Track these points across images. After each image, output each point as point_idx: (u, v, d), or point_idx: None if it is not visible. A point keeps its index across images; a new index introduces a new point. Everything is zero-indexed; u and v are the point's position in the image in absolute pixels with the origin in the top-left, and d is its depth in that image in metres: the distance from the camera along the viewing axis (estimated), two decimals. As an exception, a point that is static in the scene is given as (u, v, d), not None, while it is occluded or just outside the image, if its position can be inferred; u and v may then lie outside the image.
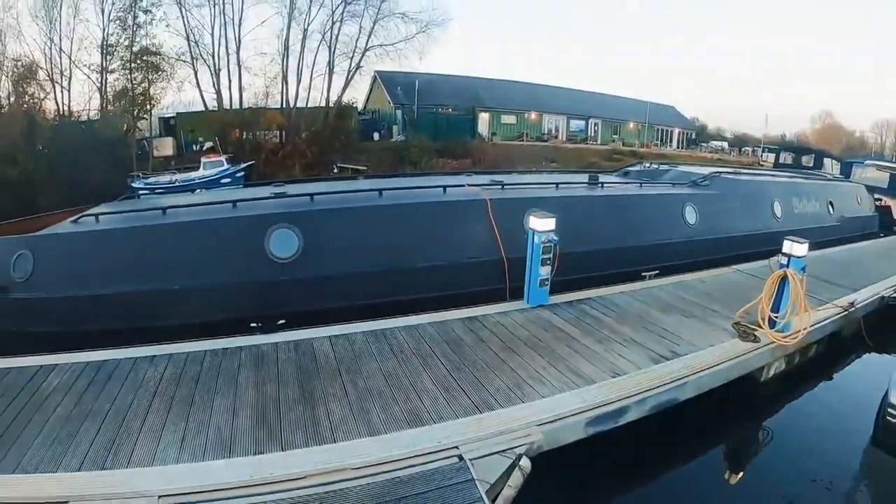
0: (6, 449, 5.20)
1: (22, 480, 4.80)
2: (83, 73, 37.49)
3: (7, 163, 29.53)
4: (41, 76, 36.62)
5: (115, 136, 36.03)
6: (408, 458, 5.01)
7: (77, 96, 38.14)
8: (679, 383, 6.85)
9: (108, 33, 37.14)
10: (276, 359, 7.12)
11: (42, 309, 8.80)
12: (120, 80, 37.91)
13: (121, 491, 4.64)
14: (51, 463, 5.02)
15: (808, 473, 6.91)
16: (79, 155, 30.96)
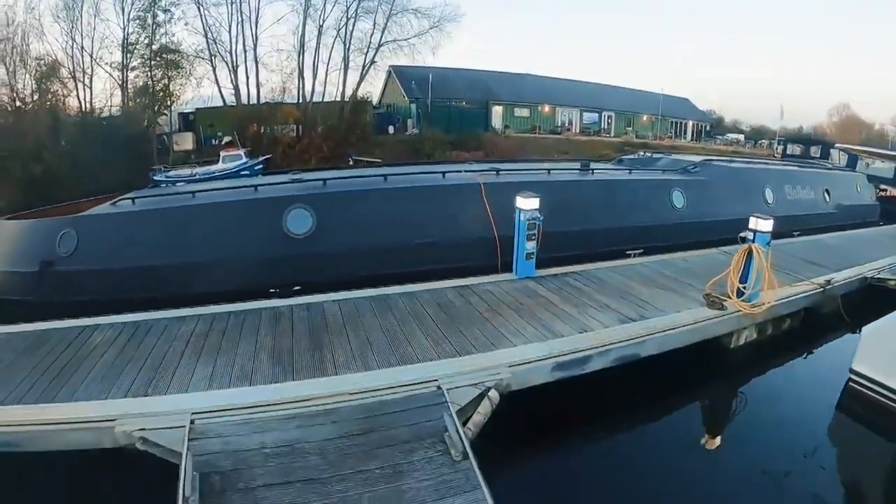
0: (60, 387, 6.29)
1: (76, 406, 5.89)
2: (105, 71, 38.68)
3: (32, 159, 30.72)
4: (63, 74, 37.70)
5: (136, 131, 37.15)
6: (394, 387, 6.11)
7: (99, 93, 39.26)
8: (641, 340, 7.78)
9: (128, 32, 38.29)
10: (291, 317, 8.24)
11: (84, 280, 9.96)
12: (140, 78, 39.12)
13: (160, 410, 5.73)
14: (100, 395, 6.12)
15: (777, 436, 7.44)
16: (101, 150, 31.94)
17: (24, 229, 11.15)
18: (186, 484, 4.48)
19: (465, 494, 4.52)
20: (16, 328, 8.17)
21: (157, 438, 5.30)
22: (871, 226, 18.05)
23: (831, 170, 20.70)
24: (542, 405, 7.11)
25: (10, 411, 5.82)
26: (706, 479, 6.69)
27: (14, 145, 31.41)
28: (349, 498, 4.51)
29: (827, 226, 16.30)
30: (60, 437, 5.63)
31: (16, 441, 5.62)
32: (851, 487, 6.73)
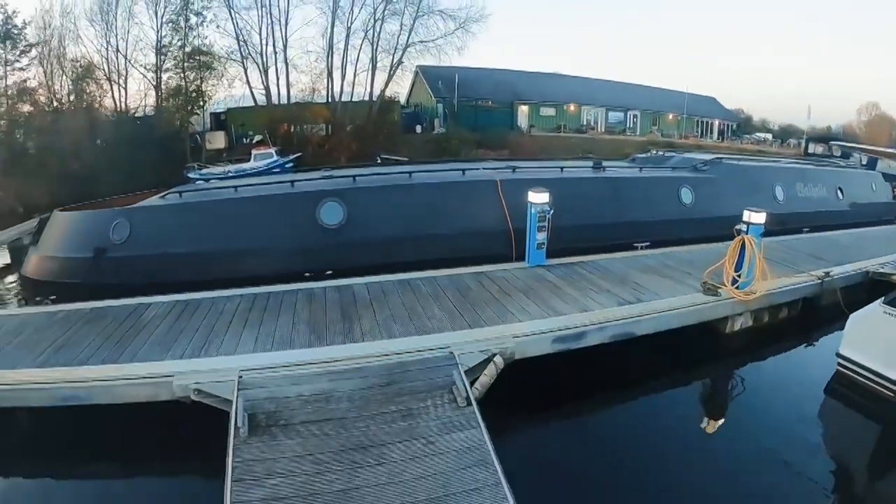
0: (120, 352, 7.42)
1: (137, 366, 6.99)
2: (139, 73, 40.00)
3: (70, 156, 32.22)
4: (99, 75, 39.02)
5: (169, 130, 38.52)
6: (412, 352, 7.16)
7: (133, 94, 40.62)
8: (636, 319, 8.64)
9: (161, 35, 39.44)
10: (324, 297, 9.31)
11: (137, 264, 11.16)
12: (174, 79, 40.25)
13: (212, 368, 6.80)
14: (156, 359, 7.19)
15: (769, 416, 7.90)
16: (136, 149, 33.29)
17: (80, 219, 12.42)
18: (238, 418, 5.57)
19: (466, 431, 5.53)
20: (75, 305, 9.33)
21: (210, 389, 6.35)
22: (886, 224, 18.06)
23: (845, 168, 21.10)
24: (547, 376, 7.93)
25: (79, 370, 6.93)
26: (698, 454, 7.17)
27: (53, 144, 32.83)
28: (371, 432, 5.55)
29: (840, 223, 16.59)
30: (123, 391, 6.69)
31: (83, 395, 6.68)
32: (838, 464, 7.07)
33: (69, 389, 6.67)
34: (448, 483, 4.82)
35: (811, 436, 7.57)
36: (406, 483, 4.83)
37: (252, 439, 5.41)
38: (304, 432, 5.54)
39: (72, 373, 6.88)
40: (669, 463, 6.82)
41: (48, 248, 12.50)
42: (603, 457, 7.01)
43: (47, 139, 33.42)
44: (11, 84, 35.40)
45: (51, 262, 12.16)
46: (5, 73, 35.17)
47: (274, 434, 5.50)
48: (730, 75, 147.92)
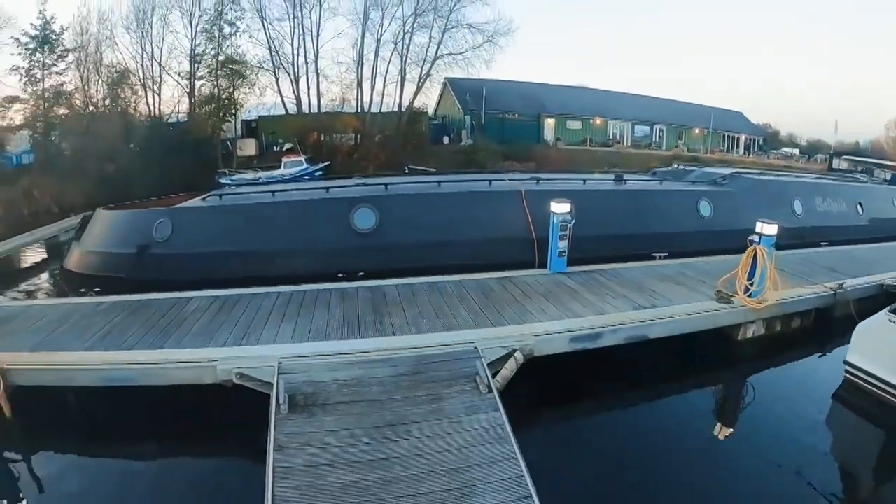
0: (166, 339, 8.10)
1: (182, 352, 7.66)
2: (173, 80, 41.32)
3: (105, 159, 33.45)
4: (133, 81, 40.39)
5: (202, 136, 39.69)
6: (439, 345, 7.75)
7: (167, 100, 42.02)
8: (649, 323, 9.11)
9: (195, 43, 40.81)
10: (356, 296, 9.92)
11: (178, 261, 11.91)
12: (206, 86, 41.50)
13: (253, 355, 7.44)
14: (200, 346, 7.86)
15: (778, 421, 8.10)
16: (169, 153, 34.59)
17: (124, 218, 13.27)
18: (279, 398, 6.22)
19: (487, 413, 6.13)
20: (119, 297, 10.05)
21: (252, 373, 7.01)
22: None
23: (866, 184, 21.28)
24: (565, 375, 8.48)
25: (126, 354, 7.63)
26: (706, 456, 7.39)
27: (88, 146, 34.08)
28: (400, 412, 6.17)
29: (859, 238, 16.66)
30: (169, 374, 7.36)
31: (131, 376, 7.36)
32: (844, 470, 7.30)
33: (117, 371, 7.35)
34: (469, 456, 5.43)
35: (818, 442, 7.77)
36: (431, 455, 5.44)
37: (292, 416, 6.04)
38: (339, 411, 6.16)
39: (119, 356, 7.56)
40: (678, 463, 7.12)
41: (91, 244, 13.30)
42: (614, 452, 7.33)
43: (82, 141, 34.77)
44: (48, 87, 36.62)
45: (94, 257, 12.95)
46: (43, 77, 36.40)
47: (312, 412, 6.13)
48: (758, 89, 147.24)
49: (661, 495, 6.44)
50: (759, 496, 6.47)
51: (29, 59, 35.96)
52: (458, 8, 45.72)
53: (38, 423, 7.57)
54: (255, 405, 6.79)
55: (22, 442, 7.41)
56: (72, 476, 6.80)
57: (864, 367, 8.76)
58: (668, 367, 9.46)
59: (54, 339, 8.21)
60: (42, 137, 36.59)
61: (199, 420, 7.60)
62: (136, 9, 39.89)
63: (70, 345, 7.95)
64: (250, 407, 6.91)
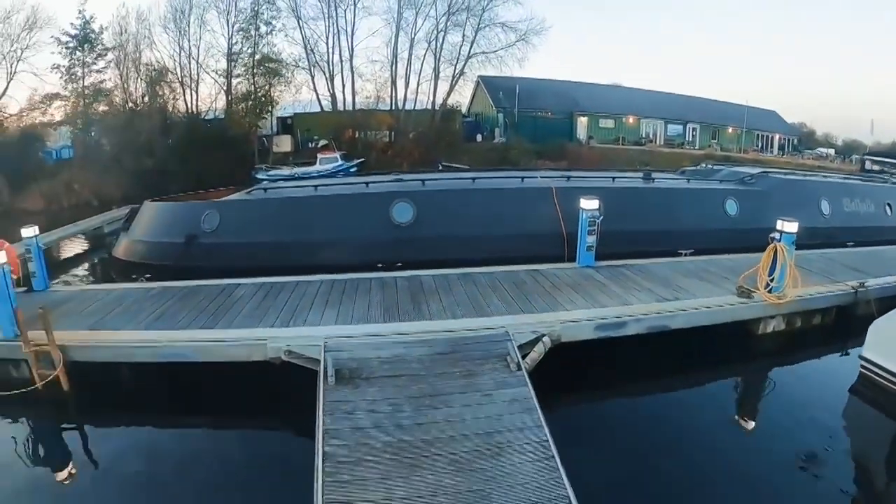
0: (217, 321, 8.86)
1: (233, 332, 8.40)
2: (210, 77, 42.49)
3: (144, 154, 34.68)
4: (171, 79, 41.61)
5: (238, 133, 40.75)
6: (473, 329, 8.38)
7: (204, 97, 43.21)
8: (671, 314, 9.60)
9: (232, 42, 41.93)
10: (395, 285, 10.59)
11: (225, 251, 12.71)
12: (243, 84, 42.57)
13: (300, 335, 8.13)
14: (250, 326, 8.59)
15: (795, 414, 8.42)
16: (206, 149, 35.53)
17: (172, 209, 14.22)
18: (327, 371, 6.91)
19: (515, 388, 6.76)
20: (169, 283, 10.84)
21: (301, 351, 7.69)
22: None
23: (893, 185, 21.19)
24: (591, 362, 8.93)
25: (181, 333, 8.41)
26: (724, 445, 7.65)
27: (126, 142, 35.31)
28: (437, 385, 6.83)
29: (888, 239, 16.59)
30: (221, 351, 8.08)
31: (185, 353, 8.07)
32: (859, 462, 7.50)
33: (171, 348, 8.07)
34: (499, 423, 6.07)
35: (834, 434, 8.01)
36: (465, 421, 6.09)
37: (339, 387, 6.72)
38: (381, 383, 6.83)
39: (175, 335, 8.33)
40: (695, 451, 7.49)
41: (140, 234, 14.20)
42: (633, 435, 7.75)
43: (121, 137, 35.93)
44: (88, 85, 37.87)
45: (142, 246, 13.84)
46: (83, 75, 37.63)
47: (357, 384, 6.80)
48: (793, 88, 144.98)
49: (677, 481, 6.72)
50: (775, 486, 6.69)
51: (69, 58, 37.26)
52: (490, 7, 46.27)
53: (94, 399, 8.32)
54: (300, 383, 7.44)
55: (78, 415, 8.10)
56: (124, 448, 7.40)
57: (879, 363, 9.00)
58: (691, 358, 9.83)
59: (109, 320, 9.01)
60: (82, 133, 37.82)
61: (247, 396, 8.25)
62: (174, 8, 41.18)
63: (125, 326, 8.74)
64: (296, 384, 7.57)
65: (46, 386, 7.95)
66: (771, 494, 6.58)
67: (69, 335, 8.19)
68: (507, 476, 5.26)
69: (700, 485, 6.72)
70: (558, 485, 5.18)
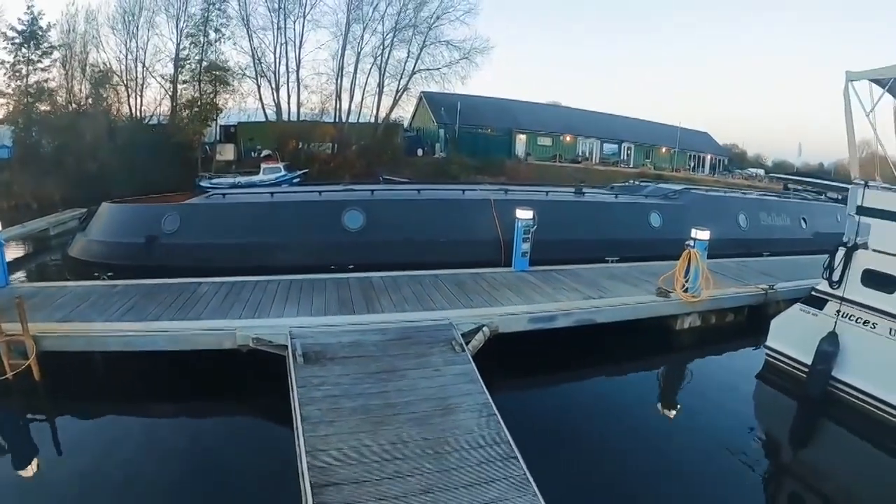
0: (187, 313, 9.53)
1: (204, 322, 9.13)
2: (156, 82, 42.23)
3: (86, 157, 33.77)
4: (116, 81, 41.07)
5: (182, 139, 40.10)
6: (421, 321, 9.43)
7: (149, 102, 42.80)
8: (596, 309, 10.83)
9: (180, 47, 41.68)
10: (348, 284, 11.52)
11: (186, 251, 13.37)
12: (189, 90, 42.12)
13: (266, 324, 8.96)
14: (219, 318, 9.33)
15: (710, 398, 9.67)
16: (149, 154, 34.85)
17: (133, 211, 14.80)
18: (296, 353, 7.83)
19: (461, 366, 7.88)
20: (132, 281, 11.21)
21: (269, 338, 8.49)
22: None
23: (809, 201, 22.84)
24: (527, 352, 9.96)
25: (153, 324, 8.97)
26: (647, 429, 8.51)
27: (68, 144, 34.52)
28: (394, 363, 7.84)
29: (803, 250, 17.90)
30: (192, 340, 8.70)
31: (157, 342, 8.62)
32: (766, 437, 8.78)
33: (143, 338, 8.57)
34: (448, 390, 7.21)
35: (745, 414, 9.32)
36: (420, 390, 7.18)
37: (307, 366, 7.63)
38: (344, 363, 7.79)
39: (147, 325, 8.89)
40: (621, 437, 8.19)
41: (97, 234, 14.67)
42: (562, 417, 8.73)
43: (63, 139, 35.10)
44: (32, 83, 36.74)
45: (101, 246, 14.27)
46: (27, 72, 36.54)
47: (323, 363, 7.74)
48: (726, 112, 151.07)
49: (602, 463, 7.41)
50: (695, 464, 7.56)
51: (14, 54, 36.07)
52: (437, 25, 47.78)
53: (66, 388, 8.54)
54: (266, 371, 8.21)
55: (50, 405, 8.27)
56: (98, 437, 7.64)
57: (780, 350, 10.52)
58: (616, 351, 10.94)
59: (78, 313, 9.30)
60: (23, 133, 36.40)
61: (217, 383, 8.93)
62: (123, 10, 40.82)
63: (95, 318, 9.06)
64: (261, 372, 8.33)
65: (17, 377, 8.04)
66: (691, 473, 7.37)
67: (43, 326, 8.47)
68: (457, 428, 6.36)
69: (622, 465, 7.38)
70: (500, 431, 6.32)
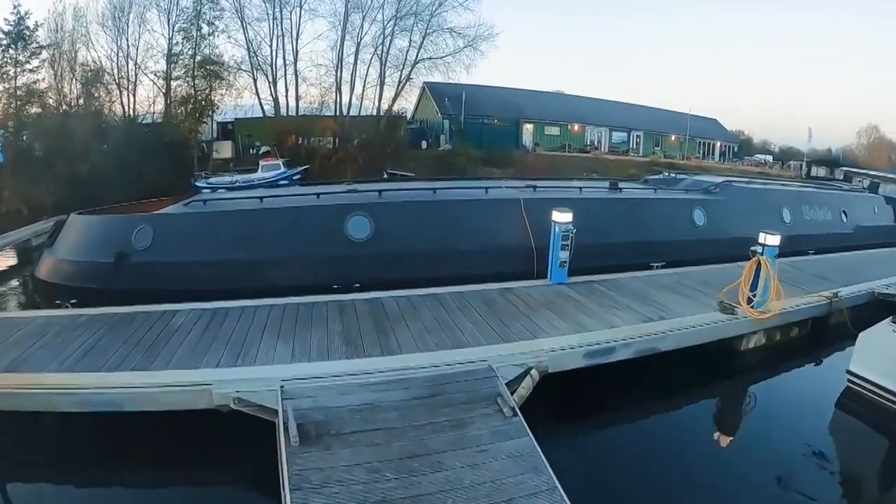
0: (152, 359, 7.48)
1: (174, 373, 7.09)
2: (149, 79, 40.52)
3: (77, 160, 32.38)
4: (108, 80, 39.47)
5: (177, 138, 38.55)
6: (452, 364, 7.37)
7: (142, 100, 41.08)
8: (661, 336, 8.95)
9: (172, 42, 39.97)
10: (354, 309, 9.49)
11: (159, 271, 11.24)
12: (183, 87, 40.54)
13: (252, 377, 6.91)
14: (192, 366, 7.31)
15: (781, 431, 8.19)
16: (144, 155, 33.44)
17: (101, 224, 12.55)
18: (288, 427, 5.72)
19: (516, 440, 5.76)
20: (99, 310, 9.41)
21: (253, 398, 6.48)
22: (889, 246, 18.35)
23: (847, 191, 21.51)
24: (574, 388, 8.19)
25: (111, 376, 7.02)
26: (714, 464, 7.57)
27: (60, 146, 33.09)
28: (423, 441, 5.75)
29: (844, 246, 16.97)
30: (158, 399, 6.78)
31: (117, 401, 6.76)
32: (848, 477, 7.39)
33: (101, 394, 6.78)
34: (505, 488, 5.06)
35: (823, 449, 7.81)
36: (466, 489, 5.05)
37: (304, 448, 5.55)
38: (355, 442, 5.70)
39: (104, 378, 6.97)
40: (687, 475, 7.18)
41: (65, 251, 12.49)
42: (625, 465, 7.34)
43: (55, 142, 33.72)
44: (21, 85, 35.57)
45: (67, 266, 12.12)
46: (16, 74, 35.32)
47: (327, 444, 5.66)
48: (731, 96, 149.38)
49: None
50: None
51: (1, 56, 34.89)
52: (439, 12, 45.75)
53: (9, 455, 6.94)
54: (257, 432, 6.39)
55: None
56: None
57: (866, 377, 8.93)
58: (675, 378, 9.29)
59: (29, 357, 7.54)
60: (13, 137, 35.24)
61: (195, 448, 7.15)
62: (113, 6, 39.19)
63: (47, 364, 7.30)
64: (252, 434, 6.50)
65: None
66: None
67: (-19, 378, 6.81)
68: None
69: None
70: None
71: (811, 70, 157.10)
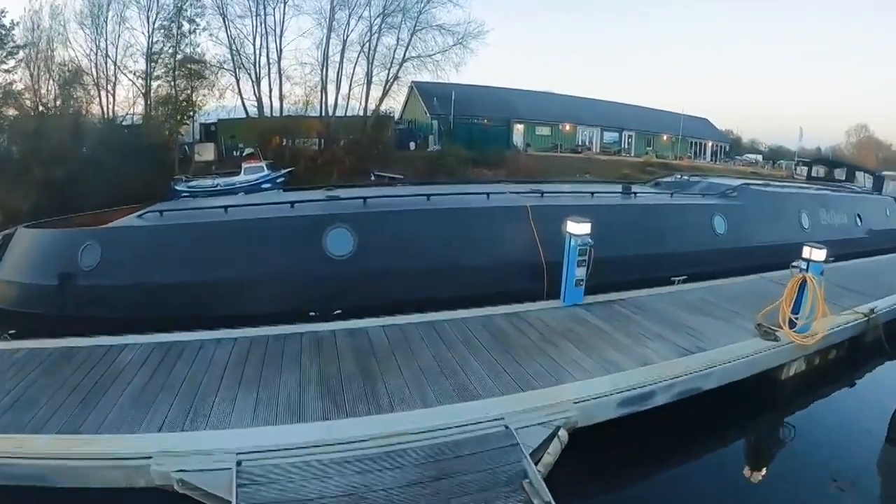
0: (87, 413, 5.97)
1: (107, 439, 5.53)
2: (128, 79, 39.40)
3: (54, 163, 31.00)
4: (87, 80, 38.44)
5: (158, 140, 37.64)
6: (460, 426, 5.76)
7: (122, 101, 40.01)
8: (704, 373, 7.51)
9: (152, 41, 38.94)
10: (334, 343, 7.90)
11: (108, 296, 9.61)
12: (164, 87, 39.58)
13: (201, 448, 5.35)
14: (132, 425, 5.77)
15: (827, 470, 7.24)
16: (123, 157, 32.10)
17: (45, 240, 10.81)
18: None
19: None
20: (38, 343, 7.94)
21: (199, 482, 4.94)
22: None
23: (859, 193, 20.35)
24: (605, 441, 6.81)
25: (35, 440, 5.50)
26: None
27: (37, 149, 31.84)
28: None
29: (860, 251, 15.89)
30: (91, 474, 5.31)
31: (43, 474, 5.29)
32: None
33: (24, 466, 5.27)
34: None
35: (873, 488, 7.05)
36: None
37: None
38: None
39: (26, 442, 5.45)
40: None
41: (9, 272, 10.77)
42: None
43: (32, 144, 32.49)
44: None
45: (11, 288, 10.46)
46: None
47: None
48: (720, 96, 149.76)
49: None
50: None
51: None
52: (427, 9, 44.60)
53: None
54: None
55: None
56: None
57: None
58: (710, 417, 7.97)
59: None
60: None
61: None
62: (91, 3, 38.02)
63: None
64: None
65: None
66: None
67: None
68: None
69: None
70: None
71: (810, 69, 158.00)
